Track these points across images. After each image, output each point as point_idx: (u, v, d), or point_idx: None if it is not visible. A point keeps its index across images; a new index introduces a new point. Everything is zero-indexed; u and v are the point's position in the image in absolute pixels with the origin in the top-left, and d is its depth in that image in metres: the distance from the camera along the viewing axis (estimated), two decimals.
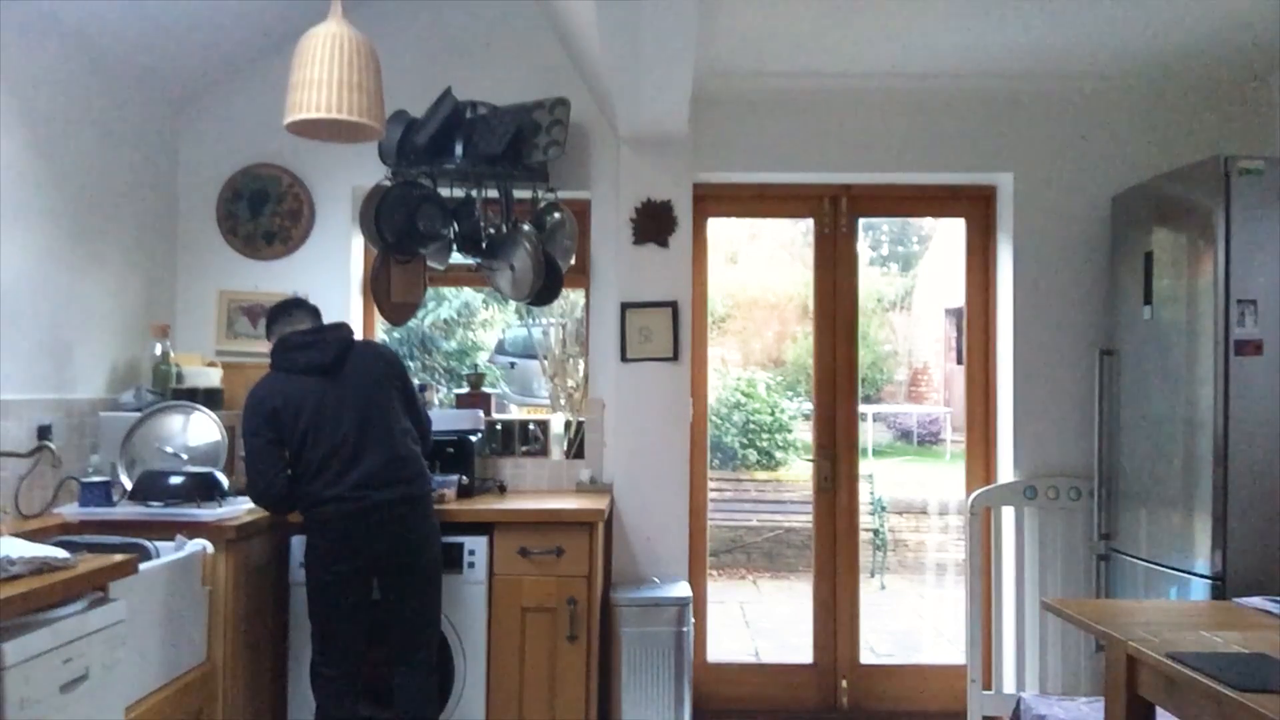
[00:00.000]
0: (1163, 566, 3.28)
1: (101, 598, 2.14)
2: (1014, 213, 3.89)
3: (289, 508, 2.95)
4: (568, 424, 3.97)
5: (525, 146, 3.59)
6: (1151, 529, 3.38)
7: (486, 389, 4.02)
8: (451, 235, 3.69)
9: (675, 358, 3.80)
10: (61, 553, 2.05)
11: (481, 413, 3.80)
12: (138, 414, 3.27)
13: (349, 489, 2.83)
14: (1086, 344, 3.81)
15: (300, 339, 2.96)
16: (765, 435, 8.67)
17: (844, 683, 4.00)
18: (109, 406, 3.36)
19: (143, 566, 2.34)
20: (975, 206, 4.09)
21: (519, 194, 3.73)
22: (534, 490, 3.85)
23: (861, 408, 4.20)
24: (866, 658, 4.14)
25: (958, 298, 4.24)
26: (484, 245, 3.70)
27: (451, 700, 3.20)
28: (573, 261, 3.85)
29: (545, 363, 4.44)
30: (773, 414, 8.73)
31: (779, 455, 8.61)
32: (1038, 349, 3.86)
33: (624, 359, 3.81)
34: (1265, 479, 3.02)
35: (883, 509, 7.23)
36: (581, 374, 4.12)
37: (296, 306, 3.08)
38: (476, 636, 3.24)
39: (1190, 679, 1.81)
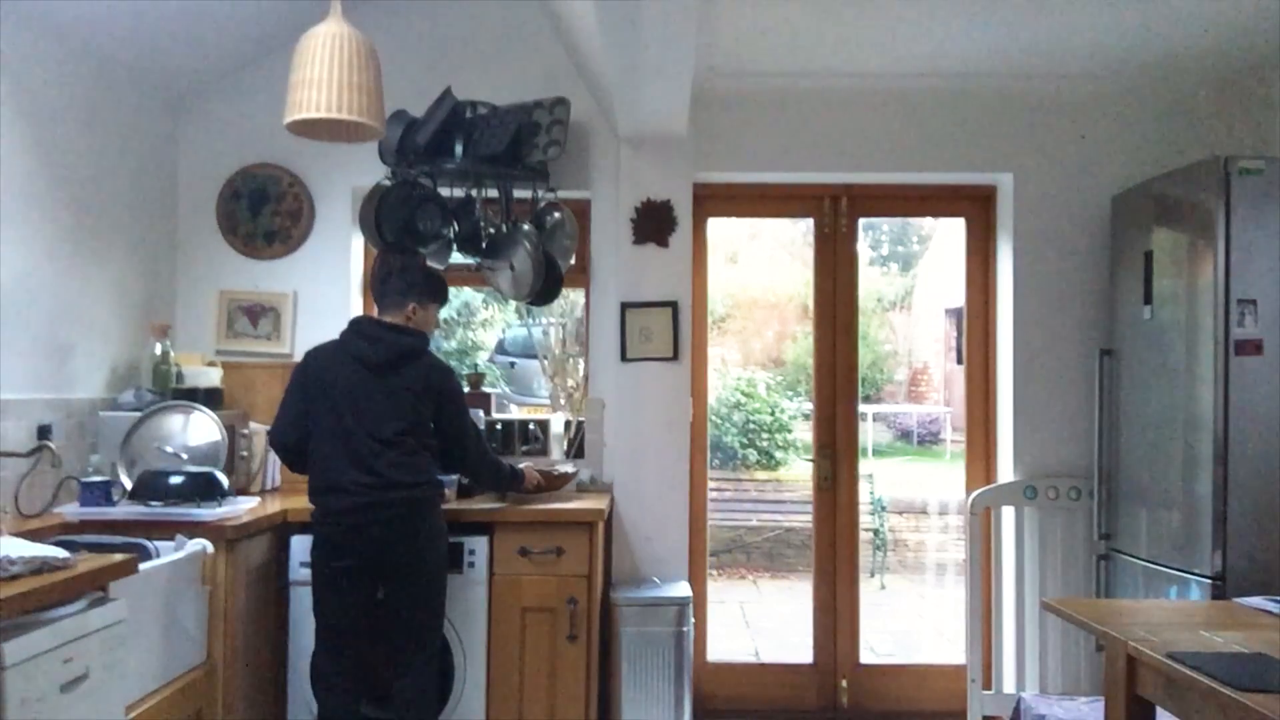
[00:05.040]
0: (1163, 566, 3.28)
1: (101, 598, 2.14)
2: (1014, 213, 3.89)
3: (293, 460, 3.01)
4: (568, 424, 3.97)
5: (525, 146, 3.59)
6: (1151, 529, 3.38)
7: (486, 389, 4.02)
8: (451, 235, 3.68)
9: (675, 358, 3.80)
10: (61, 552, 2.05)
11: (481, 413, 3.80)
12: (138, 414, 3.27)
13: (351, 483, 2.84)
14: (1086, 344, 3.81)
15: (371, 329, 3.01)
16: (765, 435, 8.67)
17: (844, 683, 4.00)
18: (109, 406, 3.36)
19: (143, 566, 2.34)
20: (975, 206, 4.09)
21: (519, 194, 3.73)
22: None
23: (861, 408, 4.20)
24: (866, 658, 4.14)
25: (958, 298, 4.24)
26: (484, 245, 3.70)
27: (451, 700, 3.20)
28: (573, 261, 3.85)
29: (545, 363, 4.45)
30: (773, 414, 8.74)
31: (779, 455, 8.61)
32: (1038, 349, 3.86)
33: (624, 359, 3.81)
34: (1265, 479, 3.02)
35: (883, 509, 7.23)
36: (581, 374, 4.12)
37: (400, 276, 3.07)
38: (476, 636, 3.24)
39: (1190, 679, 1.82)
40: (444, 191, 3.70)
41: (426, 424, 2.98)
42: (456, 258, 3.81)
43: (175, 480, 2.97)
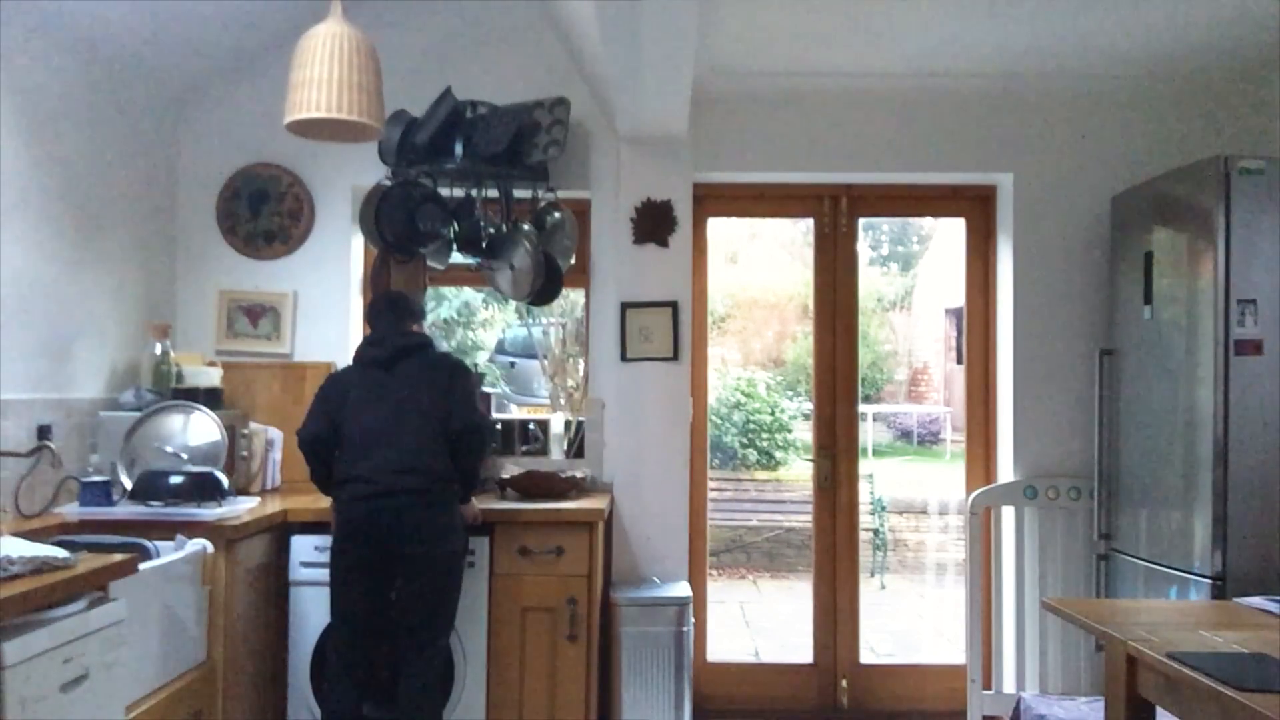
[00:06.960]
0: (1163, 566, 3.28)
1: (101, 598, 2.14)
2: (1014, 213, 3.89)
3: (314, 454, 3.05)
4: (568, 424, 3.97)
5: (525, 146, 3.59)
6: (1151, 529, 3.38)
7: (486, 389, 4.03)
8: (451, 235, 3.68)
9: (675, 357, 3.80)
10: (61, 553, 2.05)
11: None
12: (138, 414, 3.27)
13: (366, 471, 2.91)
14: (1086, 344, 3.81)
15: (373, 337, 3.19)
16: (765, 435, 8.68)
17: (844, 683, 4.00)
18: (109, 406, 3.36)
19: (143, 566, 2.34)
20: (975, 206, 4.09)
21: (519, 194, 3.73)
22: None
23: (861, 408, 4.20)
24: (866, 658, 4.14)
25: (958, 298, 4.24)
26: (484, 245, 3.70)
27: (451, 700, 3.20)
28: (573, 261, 3.85)
29: (545, 362, 4.45)
30: (773, 414, 8.75)
31: (779, 455, 8.62)
32: (1038, 349, 3.85)
33: (624, 359, 3.81)
34: (1265, 479, 3.02)
35: (883, 509, 7.24)
36: (581, 374, 4.12)
37: (387, 306, 3.25)
38: (476, 636, 3.24)
39: (1190, 679, 1.81)
40: (444, 191, 3.70)
41: (436, 413, 3.01)
42: (456, 258, 3.81)
43: (175, 480, 2.97)
